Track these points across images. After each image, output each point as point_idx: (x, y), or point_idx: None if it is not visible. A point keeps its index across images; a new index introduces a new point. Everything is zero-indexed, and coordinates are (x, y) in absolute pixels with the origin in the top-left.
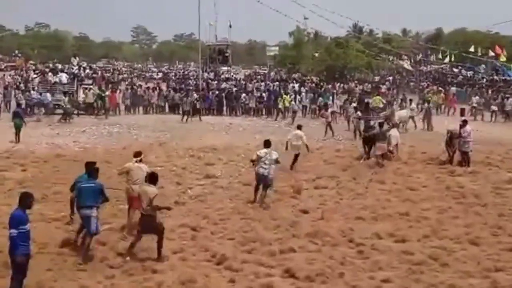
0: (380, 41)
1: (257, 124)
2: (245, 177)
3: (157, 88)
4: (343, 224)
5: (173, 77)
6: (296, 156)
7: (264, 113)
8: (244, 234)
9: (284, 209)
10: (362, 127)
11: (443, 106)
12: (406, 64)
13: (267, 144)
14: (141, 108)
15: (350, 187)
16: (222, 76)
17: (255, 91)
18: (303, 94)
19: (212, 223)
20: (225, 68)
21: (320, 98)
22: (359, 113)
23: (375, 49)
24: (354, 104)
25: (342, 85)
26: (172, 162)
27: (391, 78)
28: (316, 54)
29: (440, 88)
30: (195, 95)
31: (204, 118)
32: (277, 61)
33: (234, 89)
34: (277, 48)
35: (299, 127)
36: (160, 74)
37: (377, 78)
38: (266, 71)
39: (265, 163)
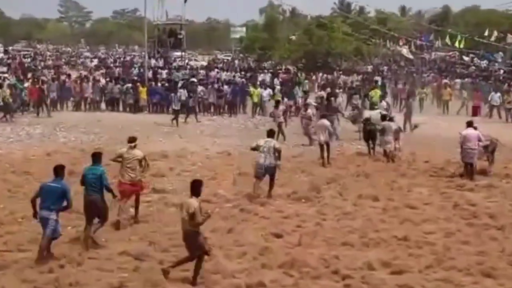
0: (373, 21)
1: (218, 125)
2: (204, 190)
3: (91, 78)
4: (325, 251)
5: (112, 65)
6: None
7: (226, 110)
8: None
9: (251, 233)
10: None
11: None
12: (405, 51)
13: (270, 134)
14: (70, 103)
15: (335, 204)
16: (174, 64)
17: (215, 83)
18: (277, 87)
19: (160, 250)
20: (177, 54)
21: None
22: (310, 111)
23: (367, 31)
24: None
25: (325, 76)
26: (111, 173)
27: (386, 68)
28: (293, 37)
29: (446, 81)
30: (181, 90)
31: (150, 116)
32: (244, 45)
33: (190, 80)
34: (244, 29)
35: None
36: (95, 61)
37: (369, 68)
38: (229, 58)
39: (264, 152)
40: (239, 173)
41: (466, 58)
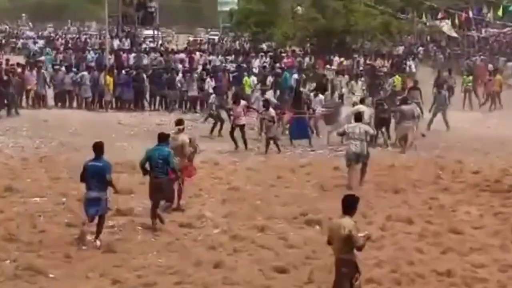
0: None
1: (202, 126)
2: (184, 212)
3: (35, 65)
4: None
5: (62, 47)
6: None
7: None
8: None
9: (246, 267)
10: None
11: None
12: (447, 27)
13: (357, 118)
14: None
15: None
16: (144, 46)
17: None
18: (269, 78)
19: None
20: (148, 32)
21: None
22: (272, 110)
23: (397, 1)
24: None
25: (341, 60)
26: (60, 190)
27: (421, 49)
28: (299, 10)
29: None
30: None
31: (113, 114)
32: (235, 21)
33: (167, 67)
34: (235, 0)
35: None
36: (41, 42)
37: (400, 50)
38: (216, 38)
39: (355, 139)
40: (229, 188)
41: None
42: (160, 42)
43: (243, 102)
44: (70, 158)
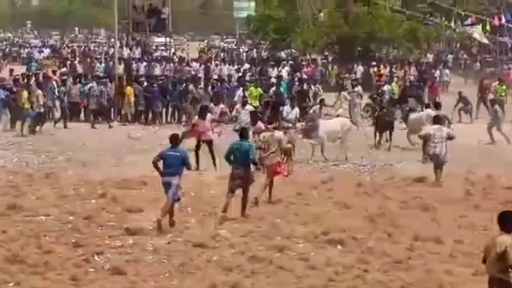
0: None
1: (217, 139)
2: (197, 231)
3: (41, 75)
4: None
5: (70, 56)
6: None
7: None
8: None
9: None
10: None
11: None
12: (478, 33)
13: (436, 120)
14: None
15: (382, 249)
16: (156, 54)
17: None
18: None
19: None
20: (160, 40)
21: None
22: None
23: (424, 7)
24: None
25: (367, 69)
26: (67, 207)
27: (451, 56)
28: (321, 16)
29: None
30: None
31: (122, 128)
32: (253, 28)
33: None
34: (252, 4)
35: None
36: (46, 51)
37: (430, 58)
38: (233, 45)
39: (434, 142)
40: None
41: None
42: (173, 50)
43: (209, 116)
44: (78, 174)
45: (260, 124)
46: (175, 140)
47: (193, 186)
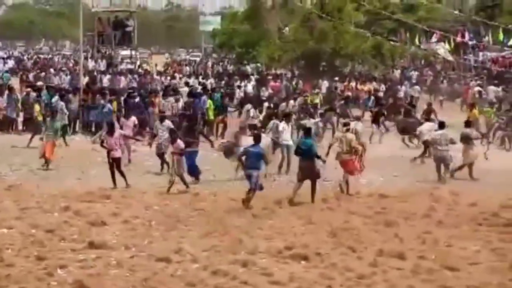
0: (397, 9)
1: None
2: (161, 245)
3: (6, 87)
4: None
5: (31, 67)
6: None
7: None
8: None
9: None
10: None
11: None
12: (443, 50)
13: (441, 126)
14: None
15: (346, 264)
16: (122, 67)
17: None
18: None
19: None
20: (126, 53)
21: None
22: (180, 142)
23: (389, 22)
24: None
25: (334, 85)
26: (29, 221)
27: (415, 73)
28: (286, 30)
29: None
30: None
31: (84, 140)
32: (218, 42)
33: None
34: (218, 18)
35: (441, 125)
36: (10, 62)
37: (397, 74)
38: (198, 59)
39: (440, 145)
40: (210, 220)
41: None
42: (138, 63)
43: (118, 132)
44: (40, 186)
45: (179, 143)
46: (258, 139)
47: (157, 200)
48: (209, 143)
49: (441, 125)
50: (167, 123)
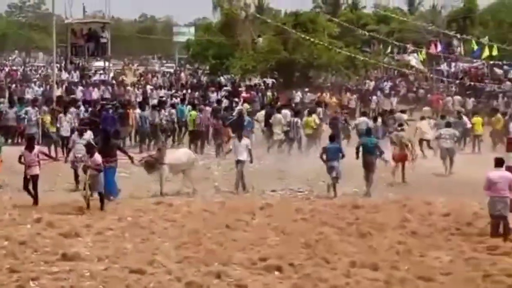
0: (371, 20)
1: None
2: (134, 257)
3: None
4: None
5: (4, 79)
6: None
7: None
8: None
9: None
10: None
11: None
12: (415, 60)
13: (448, 125)
14: None
15: (319, 275)
16: (95, 78)
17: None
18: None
19: None
20: (99, 64)
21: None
22: (97, 156)
23: (362, 33)
24: None
25: (301, 96)
26: (2, 232)
27: (388, 83)
28: (260, 41)
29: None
30: None
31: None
32: (192, 52)
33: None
34: (192, 30)
35: (448, 125)
36: None
37: (371, 84)
38: (172, 70)
39: (447, 139)
40: (183, 232)
41: (498, 71)
42: (112, 74)
43: (37, 148)
44: (12, 198)
45: (96, 157)
46: (333, 138)
47: (131, 211)
48: (129, 159)
49: (448, 125)
50: (87, 136)
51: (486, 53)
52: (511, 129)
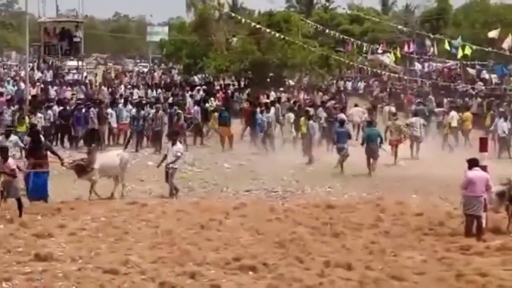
0: (344, 20)
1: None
2: (108, 257)
3: None
4: None
5: None
6: None
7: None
8: None
9: None
10: None
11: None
12: (388, 60)
13: (416, 114)
14: None
15: (293, 275)
16: (68, 78)
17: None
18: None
19: None
20: (73, 63)
21: None
22: (11, 161)
23: (336, 33)
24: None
25: (279, 96)
26: None
27: (362, 84)
28: (234, 40)
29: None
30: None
31: None
32: (166, 52)
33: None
34: (166, 29)
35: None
36: None
37: (349, 85)
38: (146, 69)
39: (416, 128)
40: (157, 232)
41: (471, 71)
42: (85, 74)
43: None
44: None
45: (10, 163)
46: (342, 123)
47: (105, 211)
48: (59, 160)
49: (416, 114)
50: (14, 138)
51: (461, 52)
52: (498, 127)
